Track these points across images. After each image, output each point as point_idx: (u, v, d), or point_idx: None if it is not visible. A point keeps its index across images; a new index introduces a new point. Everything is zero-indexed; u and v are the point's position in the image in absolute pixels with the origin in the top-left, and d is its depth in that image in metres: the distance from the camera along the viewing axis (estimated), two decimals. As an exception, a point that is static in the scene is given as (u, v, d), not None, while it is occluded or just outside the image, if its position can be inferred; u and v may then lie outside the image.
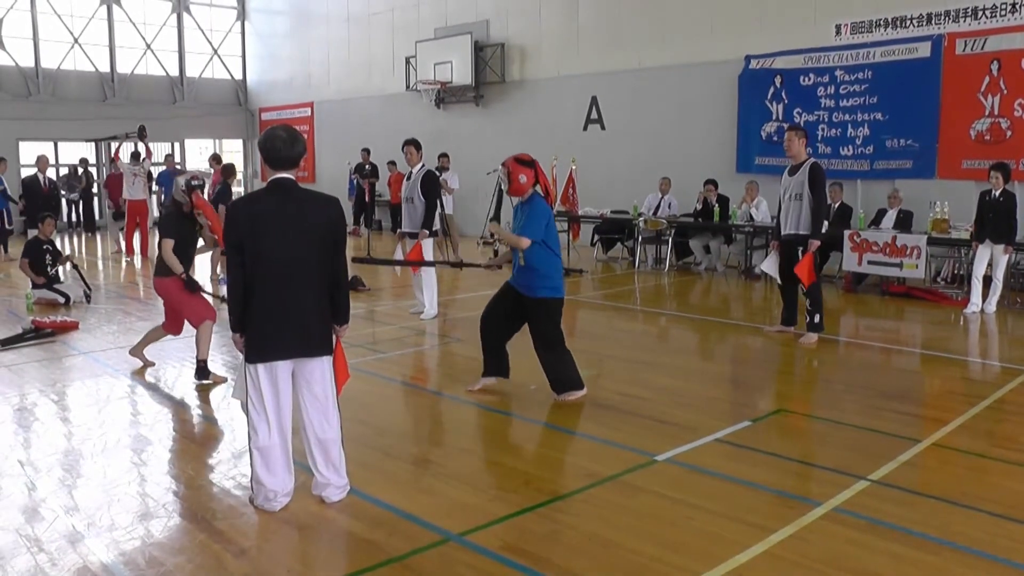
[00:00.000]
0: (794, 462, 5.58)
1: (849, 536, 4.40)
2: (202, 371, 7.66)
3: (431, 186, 10.41)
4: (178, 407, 7.22)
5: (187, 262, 7.73)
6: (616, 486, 5.14)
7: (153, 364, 8.29)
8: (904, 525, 4.51)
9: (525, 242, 6.68)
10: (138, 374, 8.01)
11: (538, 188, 6.92)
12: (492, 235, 7.22)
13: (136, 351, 8.32)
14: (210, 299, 8.02)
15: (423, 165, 10.60)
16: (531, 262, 6.73)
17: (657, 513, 4.73)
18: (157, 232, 7.77)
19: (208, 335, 7.69)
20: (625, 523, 4.60)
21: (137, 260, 17.55)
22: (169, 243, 7.52)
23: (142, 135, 18.26)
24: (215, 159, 18.92)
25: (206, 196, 8.51)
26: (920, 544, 4.32)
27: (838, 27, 14.70)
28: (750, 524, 4.52)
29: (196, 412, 7.06)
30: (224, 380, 7.72)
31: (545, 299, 6.84)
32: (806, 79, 15.08)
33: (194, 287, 7.66)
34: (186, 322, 7.94)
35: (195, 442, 6.36)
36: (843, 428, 6.23)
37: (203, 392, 7.48)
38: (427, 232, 10.35)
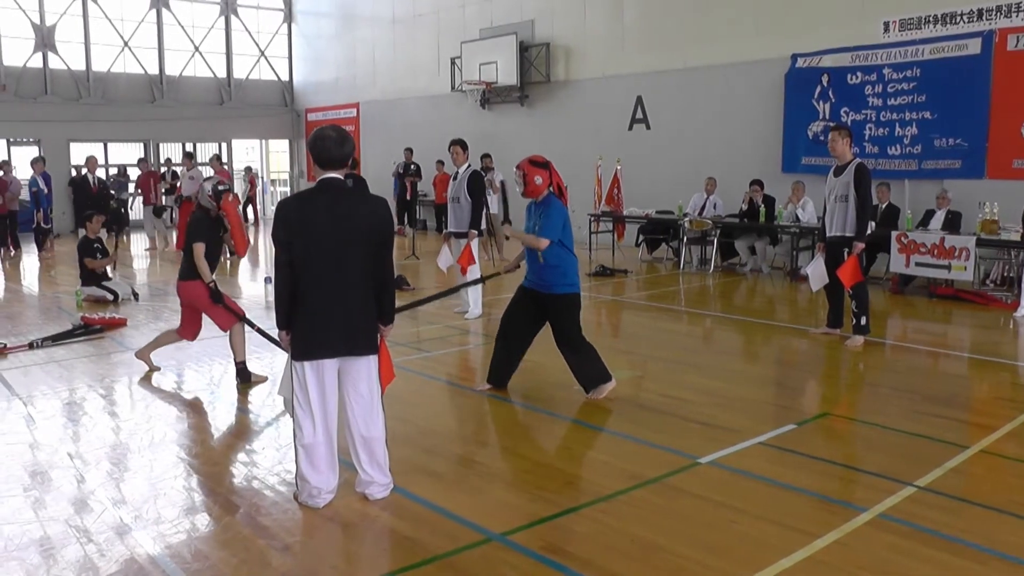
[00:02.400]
0: (839, 467, 5.55)
1: (894, 543, 4.37)
2: (243, 372, 7.72)
3: (477, 186, 10.47)
4: (223, 403, 7.34)
5: (213, 267, 7.74)
6: (659, 488, 5.14)
7: (159, 369, 8.24)
8: (950, 533, 4.47)
9: (544, 242, 6.79)
10: (145, 379, 7.98)
11: (552, 188, 7.02)
12: (507, 237, 7.33)
13: (143, 354, 8.26)
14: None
15: (469, 165, 10.66)
16: (549, 261, 6.85)
17: (700, 516, 4.73)
18: (187, 236, 7.76)
19: (241, 336, 7.74)
20: (667, 525, 4.61)
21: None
22: (201, 247, 7.53)
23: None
24: (217, 160, 19.15)
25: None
26: (966, 553, 4.28)
27: (886, 24, 14.52)
28: (794, 529, 4.51)
29: (241, 408, 7.17)
30: (264, 379, 7.81)
31: (564, 295, 6.95)
32: (853, 77, 14.92)
33: (218, 298, 7.62)
34: (189, 327, 7.97)
35: (240, 438, 6.47)
36: (889, 433, 6.17)
37: (247, 389, 7.59)
38: (475, 232, 10.42)
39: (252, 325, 7.86)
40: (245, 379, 7.71)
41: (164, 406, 7.30)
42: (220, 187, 7.67)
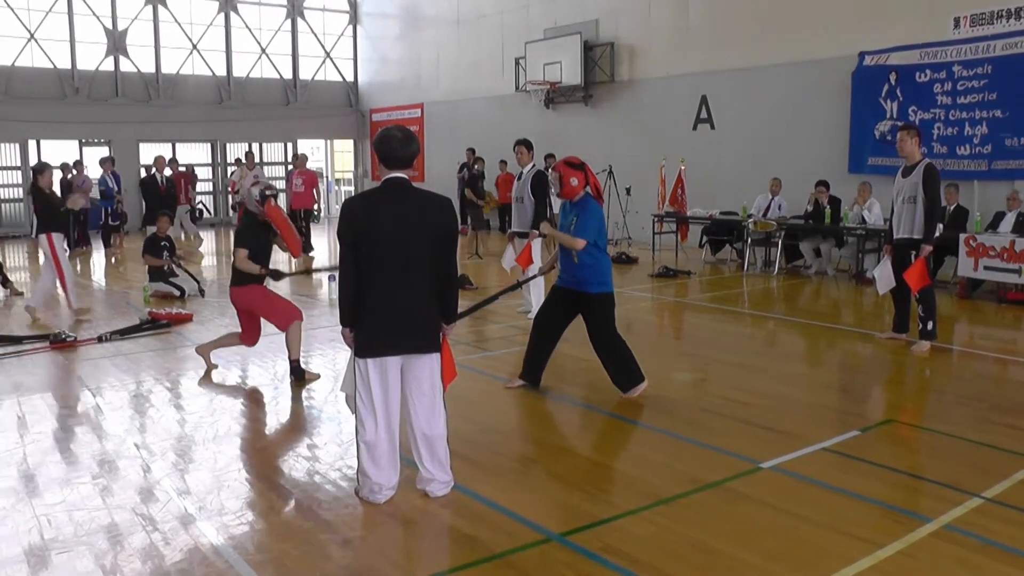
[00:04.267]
0: (903, 475, 5.45)
1: (960, 556, 4.29)
2: (296, 370, 7.80)
3: (541, 186, 10.48)
4: (286, 399, 7.45)
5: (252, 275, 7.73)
6: (719, 492, 5.11)
7: (216, 367, 8.32)
8: (1018, 547, 4.37)
9: (580, 243, 6.87)
10: (205, 378, 8.06)
11: (588, 189, 7.08)
12: (545, 235, 7.48)
13: (204, 350, 8.35)
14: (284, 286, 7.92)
15: (533, 165, 10.69)
16: (585, 261, 6.94)
17: (761, 521, 4.69)
18: (233, 242, 7.85)
19: (298, 335, 7.80)
20: (727, 530, 4.58)
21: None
22: (243, 252, 7.58)
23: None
24: (303, 158, 19.38)
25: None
26: (1034, 566, 4.18)
27: (957, 20, 14.20)
28: (856, 537, 4.45)
29: (304, 403, 7.27)
30: (317, 377, 7.90)
31: (600, 295, 7.03)
32: (922, 75, 14.63)
33: (279, 275, 7.77)
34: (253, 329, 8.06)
35: (302, 433, 6.57)
36: (955, 441, 6.05)
37: (311, 385, 7.69)
38: (538, 232, 10.42)
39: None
40: (299, 377, 7.79)
41: (228, 400, 7.44)
42: (267, 192, 7.72)
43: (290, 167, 19.97)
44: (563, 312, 7.27)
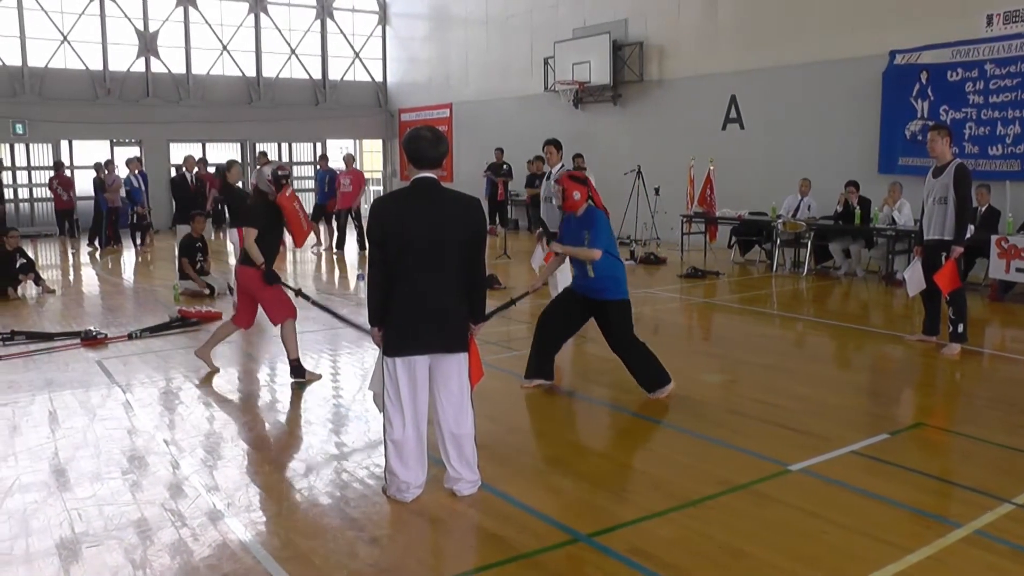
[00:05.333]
0: (933, 479, 5.41)
1: (991, 562, 4.24)
2: (296, 370, 7.75)
3: None
4: (315, 397, 7.48)
5: (271, 254, 7.64)
6: (748, 495, 5.09)
7: (218, 370, 8.27)
8: (1051, 554, 4.30)
9: (597, 254, 6.93)
10: (204, 381, 7.96)
11: (591, 201, 7.17)
12: (557, 253, 7.53)
13: (203, 352, 8.25)
14: (290, 294, 7.89)
15: (562, 165, 10.68)
16: (603, 272, 7.00)
17: (789, 525, 4.66)
18: (240, 220, 7.65)
19: (292, 333, 7.74)
20: (756, 533, 4.56)
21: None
22: (252, 232, 7.46)
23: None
24: (350, 158, 19.41)
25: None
26: (1067, 572, 4.12)
27: (989, 17, 14.04)
28: (885, 542, 4.41)
29: (332, 402, 7.31)
30: (319, 377, 7.89)
31: (618, 301, 7.08)
32: (953, 74, 14.47)
33: (273, 279, 7.55)
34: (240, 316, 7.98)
35: (331, 431, 6.59)
36: (986, 446, 5.98)
37: (340, 383, 7.74)
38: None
39: (307, 298, 7.94)
40: (299, 375, 7.75)
41: (257, 398, 7.51)
42: (280, 172, 7.61)
43: (340, 166, 19.90)
44: (575, 313, 7.33)
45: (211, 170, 21.94)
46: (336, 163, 21.39)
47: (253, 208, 7.76)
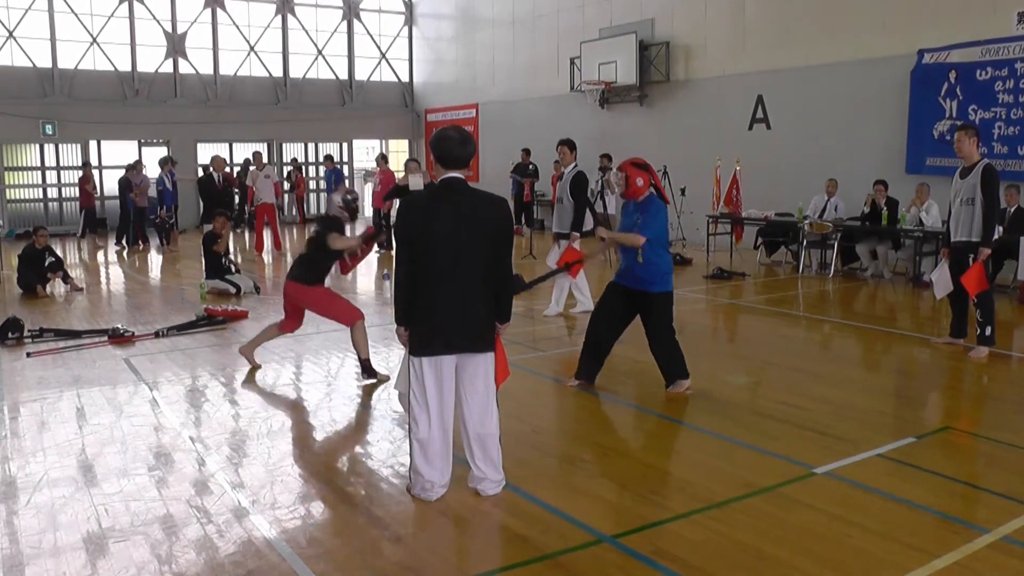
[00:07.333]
0: (960, 484, 5.35)
1: (1018, 568, 4.19)
2: (367, 370, 7.79)
3: (580, 187, 10.43)
4: (340, 395, 7.53)
5: (322, 275, 7.75)
6: (773, 497, 5.07)
7: (260, 367, 8.31)
8: (1081, 562, 4.25)
9: (640, 239, 6.95)
10: (249, 379, 8.01)
11: (653, 189, 7.15)
12: (603, 239, 7.56)
13: (247, 350, 8.35)
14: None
15: (575, 165, 10.63)
16: (650, 259, 7.01)
17: (814, 528, 4.63)
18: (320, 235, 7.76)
19: (363, 333, 7.79)
20: (780, 536, 4.53)
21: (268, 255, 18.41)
22: (334, 234, 7.56)
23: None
24: (383, 159, 19.46)
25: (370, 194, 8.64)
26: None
27: (1020, 15, 13.82)
28: (911, 547, 4.38)
29: (357, 401, 7.34)
30: (387, 378, 7.88)
31: (662, 293, 7.12)
32: (983, 73, 14.32)
33: (372, 236, 7.81)
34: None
35: (355, 430, 6.64)
36: (1014, 451, 5.91)
37: (363, 382, 7.74)
38: (577, 234, 10.38)
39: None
40: (370, 375, 7.77)
41: (282, 396, 7.55)
42: (349, 197, 7.77)
43: (372, 166, 19.88)
44: (624, 310, 7.32)
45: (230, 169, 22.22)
46: (368, 163, 21.35)
47: (326, 226, 7.76)
